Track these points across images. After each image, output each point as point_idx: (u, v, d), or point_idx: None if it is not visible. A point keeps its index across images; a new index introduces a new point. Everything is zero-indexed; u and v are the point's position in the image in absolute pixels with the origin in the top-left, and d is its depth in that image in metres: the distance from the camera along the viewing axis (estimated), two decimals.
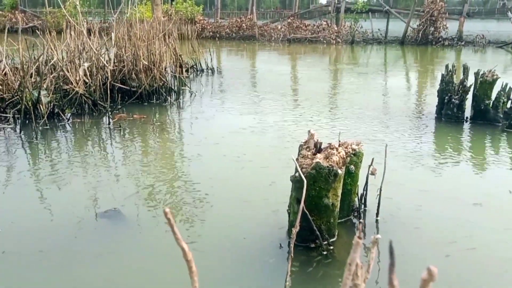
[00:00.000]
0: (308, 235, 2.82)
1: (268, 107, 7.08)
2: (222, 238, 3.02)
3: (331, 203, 2.83)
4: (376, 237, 0.74)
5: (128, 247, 2.94)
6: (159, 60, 7.29)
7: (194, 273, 0.65)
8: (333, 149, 2.86)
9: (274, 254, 2.84)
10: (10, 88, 6.30)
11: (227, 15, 30.79)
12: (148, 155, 4.86)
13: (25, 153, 4.90)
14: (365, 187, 3.37)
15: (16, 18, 18.72)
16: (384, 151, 3.34)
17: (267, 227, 3.15)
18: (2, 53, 6.84)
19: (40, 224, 3.20)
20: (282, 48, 19.29)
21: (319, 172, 2.74)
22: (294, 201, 2.87)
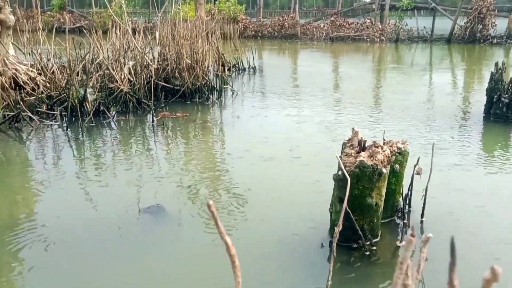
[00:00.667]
0: (350, 235, 2.75)
1: (310, 106, 6.98)
2: (263, 236, 2.98)
3: (374, 202, 2.75)
4: (428, 236, 0.72)
5: (169, 242, 2.95)
6: (202, 59, 7.34)
7: (237, 268, 0.63)
8: (378, 148, 2.76)
9: (315, 254, 2.78)
10: (57, 86, 6.52)
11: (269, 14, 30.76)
12: (190, 152, 4.88)
13: (71, 150, 5.05)
14: (410, 187, 3.24)
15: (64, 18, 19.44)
16: (429, 150, 3.19)
17: (308, 226, 3.09)
18: (50, 52, 7.10)
19: (85, 218, 3.27)
20: (325, 46, 19.05)
21: (363, 171, 2.65)
22: (336, 200, 2.80)
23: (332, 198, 2.90)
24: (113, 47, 6.79)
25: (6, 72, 6.19)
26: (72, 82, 5.80)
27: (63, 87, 6.28)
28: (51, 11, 25.38)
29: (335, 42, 20.66)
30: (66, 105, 5.89)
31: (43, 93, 6.39)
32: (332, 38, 21.10)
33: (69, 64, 6.07)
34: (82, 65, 6.28)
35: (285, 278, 2.56)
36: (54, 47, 7.08)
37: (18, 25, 7.18)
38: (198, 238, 2.98)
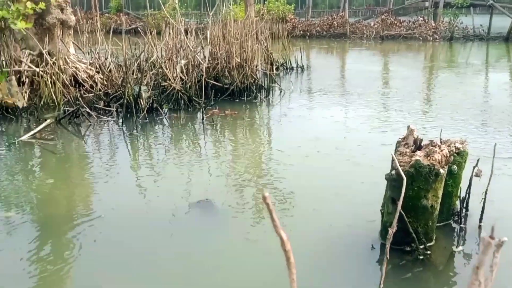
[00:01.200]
0: (403, 238, 2.64)
1: (359, 105, 6.87)
2: (309, 237, 2.95)
3: (430, 204, 2.64)
4: (502, 239, 0.69)
5: (217, 235, 2.99)
6: (251, 58, 7.40)
7: (292, 264, 0.60)
8: (435, 147, 2.65)
9: (365, 256, 2.73)
10: (114, 84, 6.80)
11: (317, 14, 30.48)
12: (238, 149, 4.94)
13: (125, 145, 5.24)
14: (468, 189, 3.11)
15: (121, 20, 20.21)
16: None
17: (358, 227, 3.04)
18: (107, 51, 7.41)
19: (137, 210, 3.38)
20: (374, 45, 18.66)
21: (418, 171, 2.56)
22: (388, 200, 2.71)
23: (384, 199, 2.82)
24: (167, 47, 6.98)
25: (67, 70, 6.53)
26: (128, 80, 6.02)
27: (119, 85, 6.53)
28: (109, 13, 26.42)
29: (385, 41, 20.17)
30: (122, 102, 6.13)
31: (101, 90, 6.68)
32: (382, 37, 20.61)
33: (125, 63, 6.30)
34: (137, 64, 6.50)
35: (333, 280, 2.52)
36: (111, 47, 7.37)
37: (78, 26, 7.54)
38: (245, 233, 3.00)
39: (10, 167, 4.41)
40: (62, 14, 6.66)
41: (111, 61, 7.17)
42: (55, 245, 2.92)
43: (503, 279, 2.15)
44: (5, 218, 3.23)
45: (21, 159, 4.69)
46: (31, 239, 2.95)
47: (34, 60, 6.45)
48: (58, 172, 4.34)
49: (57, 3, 6.50)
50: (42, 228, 3.16)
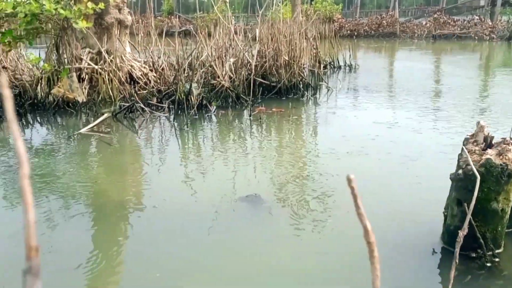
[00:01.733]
0: (469, 243, 2.45)
1: (409, 105, 6.73)
2: (363, 240, 2.87)
3: (500, 208, 2.46)
4: None
5: (267, 229, 3.04)
6: (299, 56, 7.44)
7: (376, 258, 0.53)
8: (509, 145, 2.45)
9: (427, 261, 2.61)
10: (166, 82, 7.05)
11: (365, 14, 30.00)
12: (284, 146, 5.00)
13: (176, 139, 5.42)
14: None
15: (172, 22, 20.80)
16: None
17: (416, 230, 2.92)
18: (160, 51, 7.69)
19: (186, 202, 3.48)
20: (426, 45, 18.14)
21: (489, 171, 2.38)
22: (453, 202, 2.54)
23: (448, 200, 2.65)
24: (217, 45, 7.15)
25: (123, 67, 6.83)
26: (180, 77, 6.23)
27: (171, 82, 6.77)
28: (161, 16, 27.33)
29: (437, 40, 19.58)
30: (174, 99, 6.35)
31: (154, 87, 6.95)
32: (434, 36, 20.02)
33: (177, 61, 6.52)
34: (188, 62, 6.71)
35: (391, 285, 2.41)
36: (164, 47, 7.66)
37: (134, 28, 7.88)
38: (294, 228, 3.02)
39: (69, 158, 4.68)
40: (120, 14, 6.99)
41: (164, 60, 7.44)
42: (108, 233, 3.07)
43: None
44: (63, 206, 3.45)
45: (80, 150, 4.97)
46: (86, 226, 3.11)
47: (93, 58, 6.80)
48: (113, 163, 4.57)
49: (115, 3, 6.82)
50: (96, 216, 3.32)
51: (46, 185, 3.85)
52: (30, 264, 0.40)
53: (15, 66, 7.36)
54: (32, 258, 0.40)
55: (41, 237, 2.93)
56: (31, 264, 0.40)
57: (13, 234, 2.96)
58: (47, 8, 5.54)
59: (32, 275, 0.40)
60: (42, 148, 5.02)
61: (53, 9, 5.58)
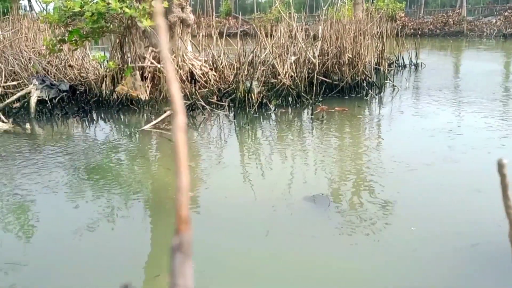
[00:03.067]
0: None
1: (477, 107, 6.21)
2: (425, 251, 2.66)
3: None
4: None
5: (335, 228, 2.87)
6: (363, 53, 7.14)
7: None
8: None
9: (496, 275, 2.37)
10: (226, 81, 6.99)
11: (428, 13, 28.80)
12: (346, 147, 4.75)
13: (236, 137, 5.32)
14: None
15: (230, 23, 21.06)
16: None
17: (486, 242, 2.65)
18: (220, 50, 7.67)
19: (246, 200, 3.36)
20: (495, 44, 17.05)
21: None
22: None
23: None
24: (278, 43, 7.01)
25: (184, 66, 6.85)
26: (240, 75, 6.13)
27: (231, 81, 6.70)
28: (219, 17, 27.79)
29: (508, 39, 18.36)
30: (234, 97, 6.26)
31: (214, 86, 6.91)
32: (505, 35, 18.79)
33: (238, 59, 6.44)
34: (249, 60, 6.60)
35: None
36: (223, 46, 7.63)
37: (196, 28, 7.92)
38: (362, 228, 2.85)
39: (132, 153, 4.71)
40: (183, 13, 7.02)
41: (224, 59, 7.40)
42: (167, 230, 3.01)
43: None
44: (124, 201, 3.42)
45: (142, 147, 4.99)
46: (146, 223, 3.09)
47: (156, 57, 6.87)
48: (173, 160, 4.51)
49: (178, 1, 6.86)
50: (156, 212, 3.29)
51: (108, 180, 3.86)
52: (180, 239, 0.34)
53: (80, 65, 7.61)
54: (183, 231, 0.34)
55: (102, 232, 2.91)
56: (181, 239, 0.34)
57: (76, 230, 2.95)
58: (113, 7, 5.64)
59: (182, 253, 0.34)
60: (105, 145, 5.09)
61: (119, 8, 5.66)
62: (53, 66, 7.54)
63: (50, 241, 2.83)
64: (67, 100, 6.97)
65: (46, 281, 2.40)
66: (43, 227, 3.04)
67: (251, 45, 7.24)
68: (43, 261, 2.60)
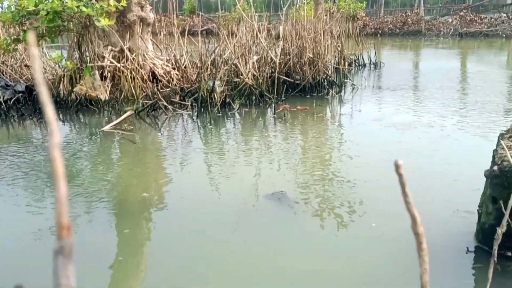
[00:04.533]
0: (505, 241, 2.34)
1: (435, 104, 6.47)
2: (394, 238, 2.76)
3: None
4: None
5: (293, 226, 2.93)
6: (323, 53, 7.27)
7: (424, 250, 0.50)
8: None
9: (460, 260, 2.50)
10: (189, 80, 6.97)
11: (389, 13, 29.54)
12: (308, 144, 4.84)
13: (199, 137, 5.32)
14: None
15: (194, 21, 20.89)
16: None
17: (448, 229, 2.81)
18: (183, 49, 7.63)
19: (209, 200, 3.38)
20: (452, 43, 17.69)
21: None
22: (488, 200, 2.46)
23: (483, 198, 2.58)
24: (240, 43, 7.04)
25: (146, 65, 6.78)
26: (203, 75, 6.13)
27: (194, 80, 6.68)
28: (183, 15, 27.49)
29: (464, 38, 19.09)
30: (197, 97, 6.25)
31: (176, 85, 6.87)
32: (461, 34, 19.54)
33: (200, 58, 6.43)
34: (212, 59, 6.61)
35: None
36: (186, 45, 7.60)
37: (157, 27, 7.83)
38: (320, 225, 2.92)
39: (92, 155, 4.63)
40: (142, 12, 6.94)
41: (186, 58, 7.37)
42: (131, 231, 2.99)
43: None
44: (86, 203, 3.37)
45: (102, 148, 4.91)
46: (108, 225, 3.05)
47: (116, 56, 6.76)
48: (135, 161, 4.49)
49: (137, 0, 6.78)
50: (119, 214, 3.26)
51: (70, 182, 3.78)
52: (62, 244, 0.37)
53: None
54: (64, 237, 0.37)
55: None
56: (62, 244, 0.37)
57: (36, 232, 2.89)
58: (69, 6, 5.51)
59: (64, 256, 0.36)
60: (64, 146, 4.98)
61: (75, 7, 5.54)
62: (8, 66, 7.29)
63: (9, 243, 2.77)
64: (23, 101, 6.77)
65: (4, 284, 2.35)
66: (1, 230, 2.96)
67: (215, 44, 7.24)
68: (1, 264, 2.54)
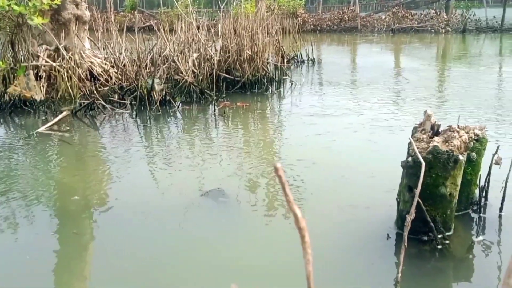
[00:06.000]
0: (420, 227, 2.54)
1: (370, 97, 6.83)
2: (322, 226, 2.92)
3: (448, 192, 2.54)
4: None
5: (227, 223, 3.02)
6: (262, 50, 7.42)
7: (307, 243, 0.53)
8: (454, 132, 2.56)
9: (381, 245, 2.68)
10: (128, 78, 6.87)
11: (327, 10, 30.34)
12: (249, 140, 4.97)
13: (139, 136, 5.28)
14: (487, 178, 2.98)
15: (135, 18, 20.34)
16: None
17: (371, 216, 2.99)
18: (122, 47, 7.49)
19: (150, 200, 3.40)
20: (386, 38, 18.52)
21: (436, 157, 2.46)
22: (405, 188, 2.62)
23: (400, 187, 2.72)
24: (179, 40, 7.03)
25: (83, 64, 6.60)
26: (142, 73, 6.08)
27: (133, 78, 6.60)
28: (124, 12, 26.69)
29: (396, 33, 20.04)
30: (136, 95, 6.19)
31: (115, 84, 6.75)
32: (393, 30, 20.48)
33: (138, 57, 6.36)
34: (150, 57, 6.56)
35: (348, 270, 2.48)
36: (125, 42, 7.46)
37: (94, 23, 7.62)
38: (257, 220, 3.01)
39: (28, 158, 4.49)
40: (77, 10, 6.74)
41: (125, 56, 7.25)
42: (67, 235, 2.97)
43: None
44: (24, 207, 3.29)
45: (38, 150, 4.76)
46: (49, 229, 3.01)
47: (51, 55, 6.54)
48: (74, 163, 4.41)
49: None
50: (60, 218, 3.21)
51: (5, 187, 3.66)
52: None
53: None
54: None
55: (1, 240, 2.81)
56: None
57: None
58: (0, 4, 5.26)
59: None
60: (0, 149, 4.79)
61: (6, 5, 5.30)
62: None
63: None
64: None
65: None
66: None
67: (153, 42, 7.17)
68: None
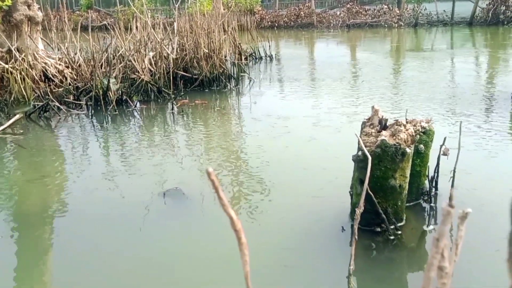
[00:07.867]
0: (373, 218, 2.61)
1: (327, 91, 7.02)
2: (280, 220, 2.97)
3: (398, 184, 2.61)
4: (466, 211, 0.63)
5: (185, 222, 3.04)
6: (219, 48, 7.45)
7: (244, 244, 0.56)
8: (401, 126, 2.64)
9: (336, 237, 2.74)
10: (83, 78, 6.74)
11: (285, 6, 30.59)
12: (209, 138, 5.00)
13: (96, 137, 5.21)
14: (436, 168, 3.08)
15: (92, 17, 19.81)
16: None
17: (327, 210, 3.06)
18: (76, 46, 7.33)
19: (109, 202, 3.39)
20: (341, 34, 18.92)
21: (384, 151, 2.52)
22: (357, 182, 2.67)
23: (353, 180, 2.78)
24: (134, 39, 6.96)
25: (36, 65, 6.43)
26: (96, 73, 5.99)
27: (89, 78, 6.49)
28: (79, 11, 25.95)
29: (352, 29, 20.49)
30: (91, 95, 6.09)
31: (70, 84, 6.61)
32: (348, 26, 20.93)
33: (93, 56, 6.25)
34: (106, 57, 6.46)
35: (304, 262, 2.52)
36: (80, 42, 7.31)
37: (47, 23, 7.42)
38: (215, 218, 3.02)
39: None
40: (29, 11, 6.56)
41: (80, 56, 7.10)
42: (27, 240, 2.93)
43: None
44: None
45: None
46: (5, 236, 2.95)
47: (3, 57, 6.33)
48: (29, 166, 4.31)
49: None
50: (14, 223, 3.15)
51: None
52: None
53: None
54: None
55: None
56: None
57: None
58: None
59: None
60: None
61: None
62: None
63: None
64: None
65: None
66: None
67: (108, 41, 7.06)
68: None
